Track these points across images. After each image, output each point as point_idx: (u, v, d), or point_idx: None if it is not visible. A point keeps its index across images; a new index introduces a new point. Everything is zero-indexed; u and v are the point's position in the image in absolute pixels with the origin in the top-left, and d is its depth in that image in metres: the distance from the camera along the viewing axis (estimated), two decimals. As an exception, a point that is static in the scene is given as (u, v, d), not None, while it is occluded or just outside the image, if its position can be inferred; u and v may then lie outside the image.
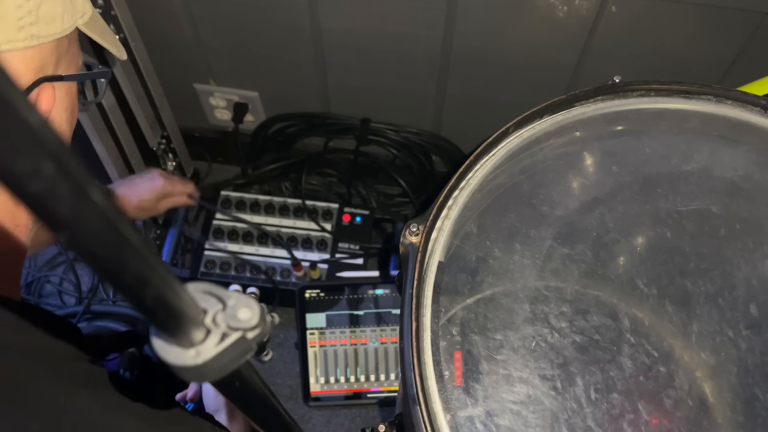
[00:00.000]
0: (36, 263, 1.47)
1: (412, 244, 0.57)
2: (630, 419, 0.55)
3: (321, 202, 1.37)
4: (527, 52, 1.11)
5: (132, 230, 0.23)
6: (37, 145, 0.19)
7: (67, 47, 0.52)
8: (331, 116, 1.37)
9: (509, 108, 0.81)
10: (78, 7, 0.51)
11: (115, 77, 1.14)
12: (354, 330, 1.24)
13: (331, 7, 1.10)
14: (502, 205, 0.64)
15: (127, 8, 1.10)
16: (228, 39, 1.22)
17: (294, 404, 1.27)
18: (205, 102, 1.40)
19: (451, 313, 0.58)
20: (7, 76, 0.18)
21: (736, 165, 0.66)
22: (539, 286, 0.61)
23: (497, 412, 0.54)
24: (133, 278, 0.24)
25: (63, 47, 0.51)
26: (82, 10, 0.52)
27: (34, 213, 0.20)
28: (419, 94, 1.27)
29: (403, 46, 1.15)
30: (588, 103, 0.67)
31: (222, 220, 1.35)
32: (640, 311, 0.61)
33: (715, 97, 0.66)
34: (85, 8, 0.53)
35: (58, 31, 0.49)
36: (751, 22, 0.97)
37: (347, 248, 1.34)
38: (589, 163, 0.68)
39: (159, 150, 1.34)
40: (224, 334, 0.28)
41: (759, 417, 0.56)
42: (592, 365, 0.57)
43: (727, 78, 1.08)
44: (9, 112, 0.17)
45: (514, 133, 0.64)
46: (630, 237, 0.64)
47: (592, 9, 1.00)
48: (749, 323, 0.59)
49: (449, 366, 0.55)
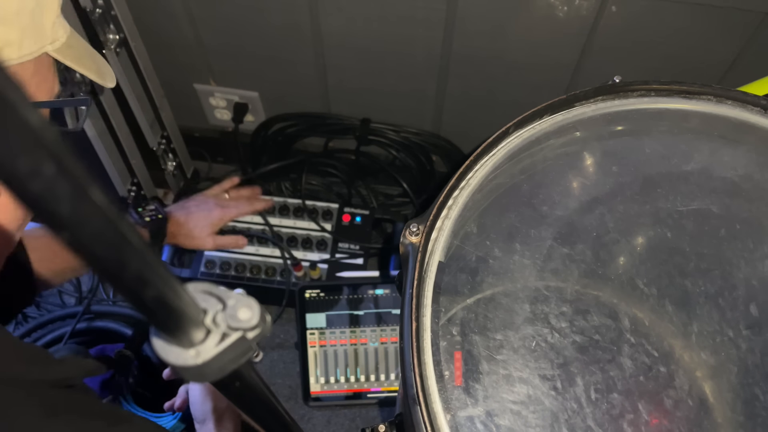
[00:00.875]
0: (36, 263, 1.47)
1: (412, 244, 0.57)
2: (630, 419, 0.55)
3: (321, 202, 1.37)
4: (527, 52, 1.11)
5: (132, 230, 0.23)
6: (38, 145, 0.19)
7: (32, 73, 0.50)
8: (331, 116, 1.37)
9: (509, 108, 0.81)
10: (46, 33, 0.50)
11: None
12: (354, 330, 1.24)
13: (331, 7, 1.10)
14: (502, 205, 0.64)
15: (127, 8, 1.10)
16: (228, 39, 1.22)
17: (294, 404, 1.27)
18: (205, 102, 1.40)
19: (451, 313, 0.58)
20: (7, 77, 0.18)
21: (736, 165, 0.66)
22: (539, 286, 0.61)
23: (497, 412, 0.54)
24: (133, 278, 0.24)
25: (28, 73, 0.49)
26: (52, 37, 0.50)
27: (34, 213, 0.20)
28: (419, 94, 1.27)
29: (403, 46, 1.15)
30: (588, 103, 0.67)
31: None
32: (640, 311, 0.61)
33: (715, 97, 0.66)
34: (57, 34, 0.51)
35: (15, 57, 0.47)
36: (751, 22, 0.97)
37: (347, 248, 1.33)
38: (589, 163, 0.68)
39: (159, 150, 1.34)
40: (224, 334, 0.28)
41: (759, 417, 0.56)
42: (592, 365, 0.57)
43: (727, 78, 1.08)
44: (9, 112, 0.17)
45: (514, 133, 0.64)
46: (630, 237, 0.64)
47: (592, 9, 1.00)
48: (749, 323, 0.59)
49: (449, 366, 0.55)
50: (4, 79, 0.17)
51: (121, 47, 1.11)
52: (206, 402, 0.73)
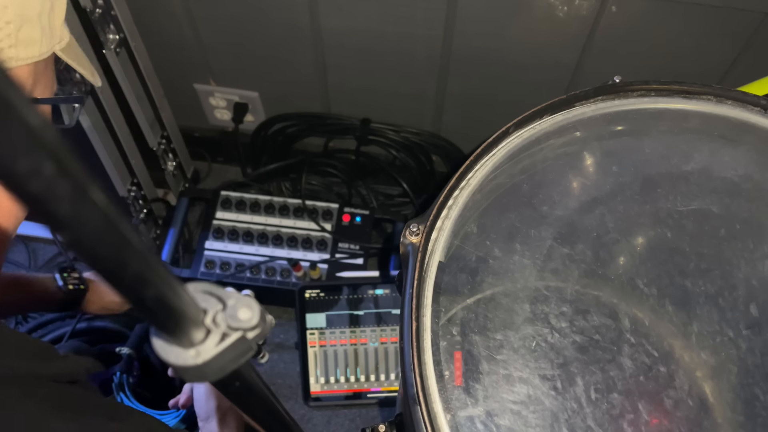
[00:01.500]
0: (36, 263, 1.47)
1: (412, 244, 0.57)
2: (630, 419, 0.55)
3: (321, 202, 1.37)
4: (527, 52, 1.11)
5: (132, 230, 0.23)
6: (38, 145, 0.19)
7: (43, 71, 0.53)
8: (331, 116, 1.37)
9: (509, 108, 0.81)
10: (56, 33, 0.52)
11: (115, 77, 1.14)
12: (354, 330, 1.24)
13: (331, 7, 1.10)
14: (502, 205, 0.64)
15: (127, 8, 1.10)
16: (228, 39, 1.22)
17: (294, 404, 1.27)
18: (205, 102, 1.40)
19: (451, 313, 0.58)
20: (7, 78, 0.18)
21: (736, 165, 0.66)
22: (539, 286, 0.61)
23: (497, 412, 0.54)
24: (133, 278, 0.24)
25: (40, 71, 0.52)
26: (60, 36, 0.53)
27: (34, 213, 0.20)
28: (419, 94, 1.27)
29: (403, 46, 1.15)
30: (588, 103, 0.67)
31: (222, 220, 1.35)
32: (640, 311, 0.61)
33: (715, 97, 0.66)
34: (63, 34, 0.54)
35: (36, 55, 0.50)
36: (751, 22, 0.97)
37: (347, 248, 1.34)
38: (589, 163, 0.68)
39: (159, 150, 1.34)
40: (224, 334, 0.28)
41: (759, 417, 0.56)
42: (592, 365, 0.57)
43: (727, 78, 1.08)
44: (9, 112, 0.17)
45: (514, 133, 0.64)
46: (630, 237, 0.64)
47: (592, 9, 1.00)
48: (749, 323, 0.59)
49: (449, 366, 0.55)
50: (4, 79, 0.17)
51: (121, 47, 1.11)
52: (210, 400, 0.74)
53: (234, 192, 1.38)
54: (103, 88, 1.11)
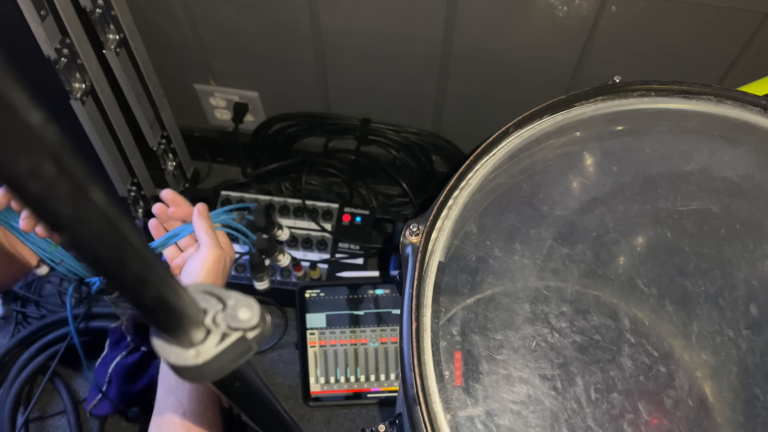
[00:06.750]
0: (36, 263, 1.47)
1: (412, 244, 0.57)
2: (630, 419, 0.55)
3: (321, 202, 1.37)
4: (527, 52, 1.11)
5: (132, 230, 0.23)
6: (38, 145, 0.19)
7: None
8: (331, 116, 1.37)
9: (509, 108, 0.81)
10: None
11: (114, 77, 1.14)
12: (354, 330, 1.24)
13: (331, 7, 1.10)
14: (502, 205, 0.64)
15: (127, 8, 1.10)
16: (228, 39, 1.22)
17: (294, 404, 1.27)
18: (205, 102, 1.40)
19: (451, 313, 0.58)
20: (7, 77, 0.18)
21: (736, 165, 0.66)
22: (539, 286, 0.61)
23: (497, 412, 0.54)
24: (133, 278, 0.24)
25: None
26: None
27: (34, 213, 0.20)
28: (419, 94, 1.26)
29: (403, 46, 1.15)
30: (588, 103, 0.67)
31: (222, 220, 1.35)
32: (640, 311, 0.61)
33: (715, 97, 0.66)
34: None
35: None
36: (751, 22, 0.97)
37: (347, 248, 1.34)
38: (589, 163, 0.68)
39: (159, 150, 1.34)
40: (224, 334, 0.28)
41: (759, 417, 0.56)
42: (592, 365, 0.57)
43: (727, 78, 1.08)
44: (9, 112, 0.17)
45: (514, 133, 0.65)
46: (630, 237, 0.64)
47: (592, 9, 1.00)
48: (749, 323, 0.59)
49: (449, 366, 0.55)
50: (4, 79, 0.17)
51: (121, 47, 1.11)
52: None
53: (234, 192, 1.38)
54: (103, 88, 1.11)
